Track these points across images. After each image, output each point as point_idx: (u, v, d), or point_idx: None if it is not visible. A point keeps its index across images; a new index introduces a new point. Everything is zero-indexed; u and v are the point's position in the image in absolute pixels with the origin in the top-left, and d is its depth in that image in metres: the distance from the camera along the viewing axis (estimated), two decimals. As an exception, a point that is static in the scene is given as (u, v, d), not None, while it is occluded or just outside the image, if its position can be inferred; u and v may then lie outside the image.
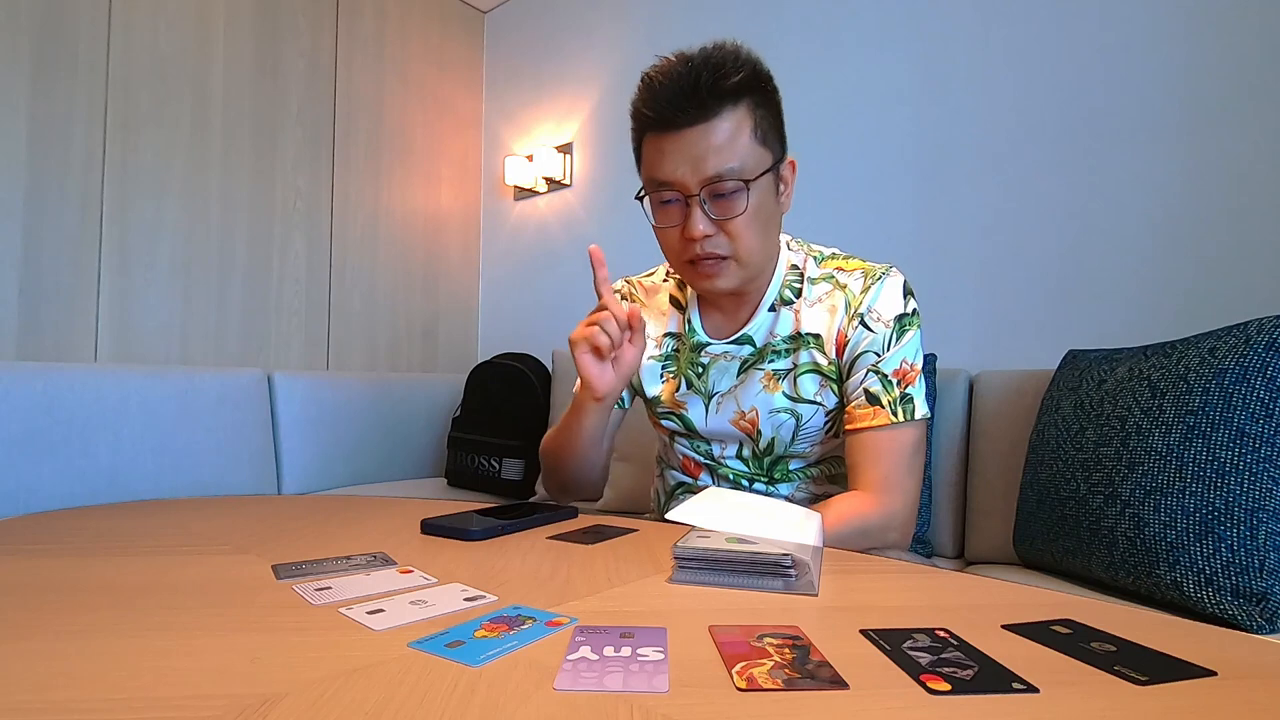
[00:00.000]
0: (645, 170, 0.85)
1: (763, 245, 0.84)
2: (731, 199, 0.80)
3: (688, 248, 0.82)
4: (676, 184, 0.80)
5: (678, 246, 0.84)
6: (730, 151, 0.78)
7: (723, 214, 0.80)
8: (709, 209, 0.80)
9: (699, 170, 0.78)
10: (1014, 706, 0.33)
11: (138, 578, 0.53)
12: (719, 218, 0.80)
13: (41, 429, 1.41)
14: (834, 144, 1.78)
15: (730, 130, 0.78)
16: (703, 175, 0.78)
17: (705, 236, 0.80)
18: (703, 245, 0.81)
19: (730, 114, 0.78)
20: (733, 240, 0.81)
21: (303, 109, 2.17)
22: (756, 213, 0.81)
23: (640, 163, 0.87)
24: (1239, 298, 1.24)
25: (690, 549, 0.55)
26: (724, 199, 0.80)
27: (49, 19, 1.67)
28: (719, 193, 0.79)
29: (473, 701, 0.33)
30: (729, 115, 0.78)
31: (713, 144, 0.78)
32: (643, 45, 2.24)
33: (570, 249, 2.44)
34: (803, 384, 0.88)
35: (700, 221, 0.80)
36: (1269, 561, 0.82)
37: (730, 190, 0.79)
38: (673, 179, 0.80)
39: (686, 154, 0.78)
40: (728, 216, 0.80)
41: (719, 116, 0.78)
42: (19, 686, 0.34)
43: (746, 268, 0.84)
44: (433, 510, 0.80)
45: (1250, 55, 1.26)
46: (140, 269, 1.82)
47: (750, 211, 0.80)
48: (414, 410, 2.16)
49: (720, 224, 0.80)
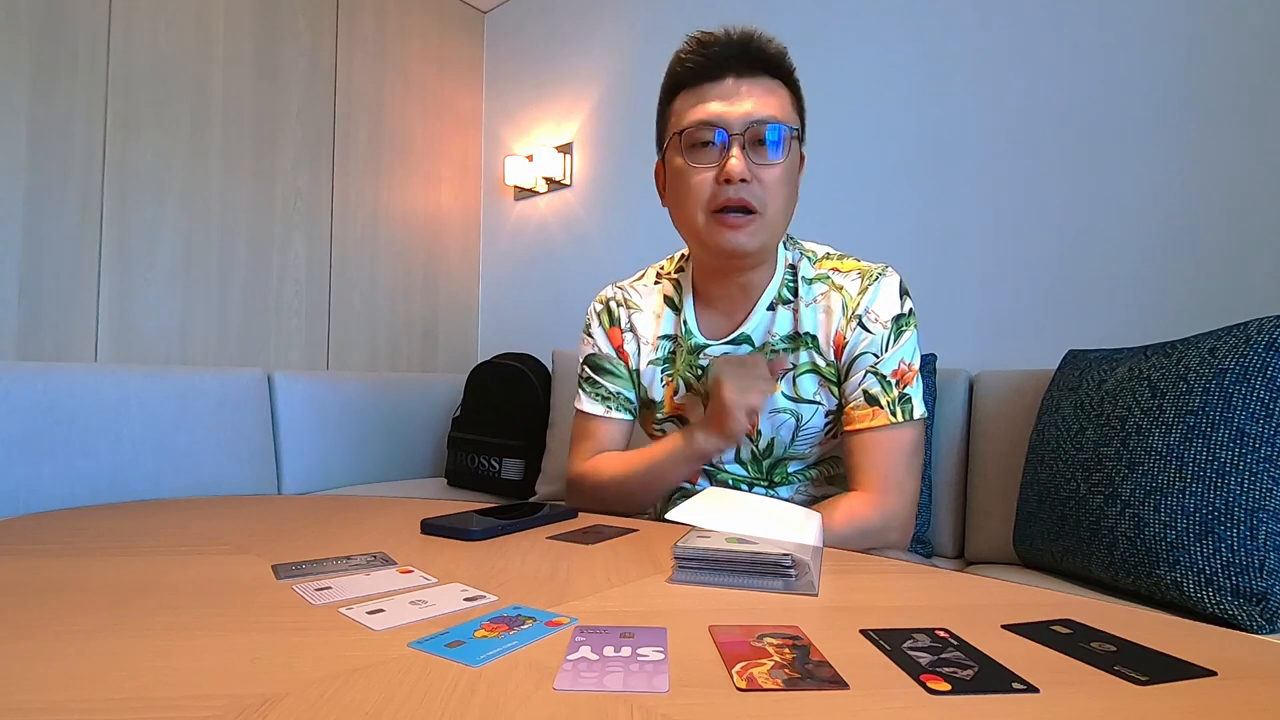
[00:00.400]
0: (678, 119, 0.84)
1: (786, 213, 0.85)
2: (772, 147, 0.81)
3: (719, 193, 0.81)
4: (719, 121, 0.80)
5: (706, 193, 0.82)
6: (774, 104, 0.81)
7: (762, 159, 0.80)
8: (749, 154, 0.80)
9: (744, 112, 0.80)
10: (1014, 706, 0.33)
11: (138, 578, 0.53)
12: (759, 162, 0.80)
13: (41, 429, 1.41)
14: (834, 144, 1.78)
15: (776, 90, 0.82)
16: (749, 117, 0.79)
17: (742, 180, 0.79)
18: (737, 190, 0.80)
19: (773, 79, 0.82)
20: (766, 193, 0.81)
21: (303, 109, 2.17)
22: (788, 174, 0.83)
23: (668, 123, 0.86)
24: (1239, 298, 1.24)
25: (690, 549, 0.55)
26: (764, 145, 0.81)
27: (49, 19, 1.67)
28: (760, 137, 0.80)
29: (473, 701, 0.33)
30: (772, 80, 0.82)
31: (759, 94, 0.80)
32: (643, 45, 2.24)
33: (570, 249, 2.44)
34: (802, 384, 0.87)
35: (739, 161, 0.79)
36: (1269, 561, 0.82)
37: (771, 137, 0.80)
38: (716, 115, 0.80)
39: (732, 98, 0.80)
40: (767, 162, 0.80)
41: (764, 77, 0.82)
42: (19, 686, 0.34)
43: (770, 229, 0.83)
44: (433, 510, 0.80)
45: (1250, 56, 1.26)
46: (140, 269, 1.82)
47: (786, 167, 0.81)
48: (414, 410, 2.16)
49: (758, 170, 0.80)
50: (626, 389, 0.98)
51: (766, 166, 0.80)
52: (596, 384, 0.99)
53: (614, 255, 2.30)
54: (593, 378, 0.99)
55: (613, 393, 0.98)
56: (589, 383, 1.00)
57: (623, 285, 1.02)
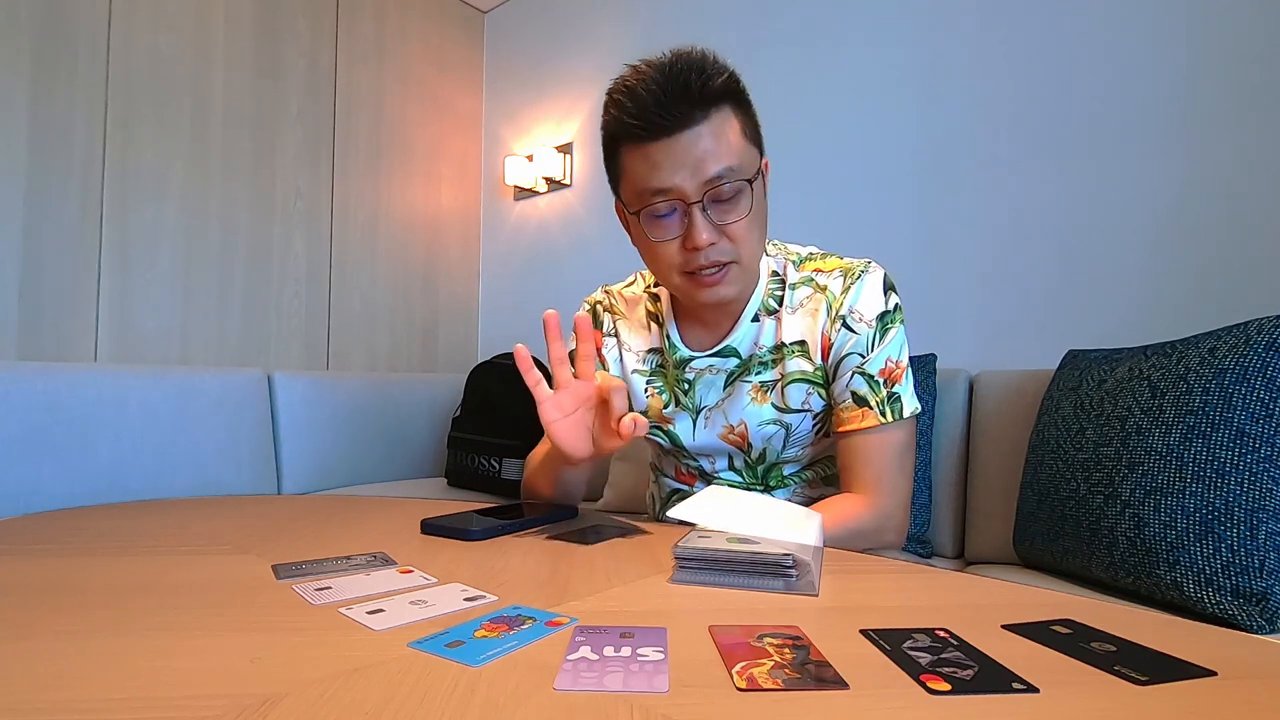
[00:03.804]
0: (631, 185, 0.79)
1: (760, 247, 0.82)
2: (733, 202, 0.77)
3: (689, 259, 0.78)
4: (675, 191, 0.75)
5: (677, 260, 0.79)
6: (727, 151, 0.75)
7: (725, 218, 0.77)
8: (711, 214, 0.77)
9: (699, 173, 0.74)
10: (1014, 706, 0.33)
11: (138, 578, 0.53)
12: (722, 222, 0.77)
13: (41, 429, 1.41)
14: (834, 144, 1.78)
15: (724, 130, 0.76)
16: (703, 178, 0.74)
17: (710, 244, 0.77)
18: (706, 254, 0.77)
19: (719, 115, 0.75)
20: (736, 244, 0.78)
21: (303, 109, 2.17)
22: (756, 214, 0.79)
23: (621, 179, 0.82)
24: (1239, 298, 1.24)
25: (691, 549, 0.55)
26: (725, 203, 0.77)
27: (49, 19, 1.67)
28: (720, 197, 0.76)
29: (473, 701, 0.32)
30: (719, 116, 0.75)
31: (709, 146, 0.74)
32: (642, 45, 2.24)
33: (570, 249, 2.44)
34: (790, 394, 0.86)
35: (704, 229, 0.76)
36: (1269, 561, 0.82)
37: (731, 193, 0.76)
38: (670, 186, 0.75)
39: (682, 159, 0.74)
40: (731, 220, 0.77)
41: (710, 118, 0.74)
42: (19, 686, 0.34)
43: (748, 272, 0.82)
44: (433, 510, 0.80)
45: (1250, 56, 1.26)
46: (140, 269, 1.82)
47: (752, 214, 0.78)
48: (414, 410, 2.16)
49: (723, 229, 0.77)
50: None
51: (732, 222, 0.77)
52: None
53: (614, 255, 2.30)
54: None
55: None
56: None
57: (612, 290, 1.01)
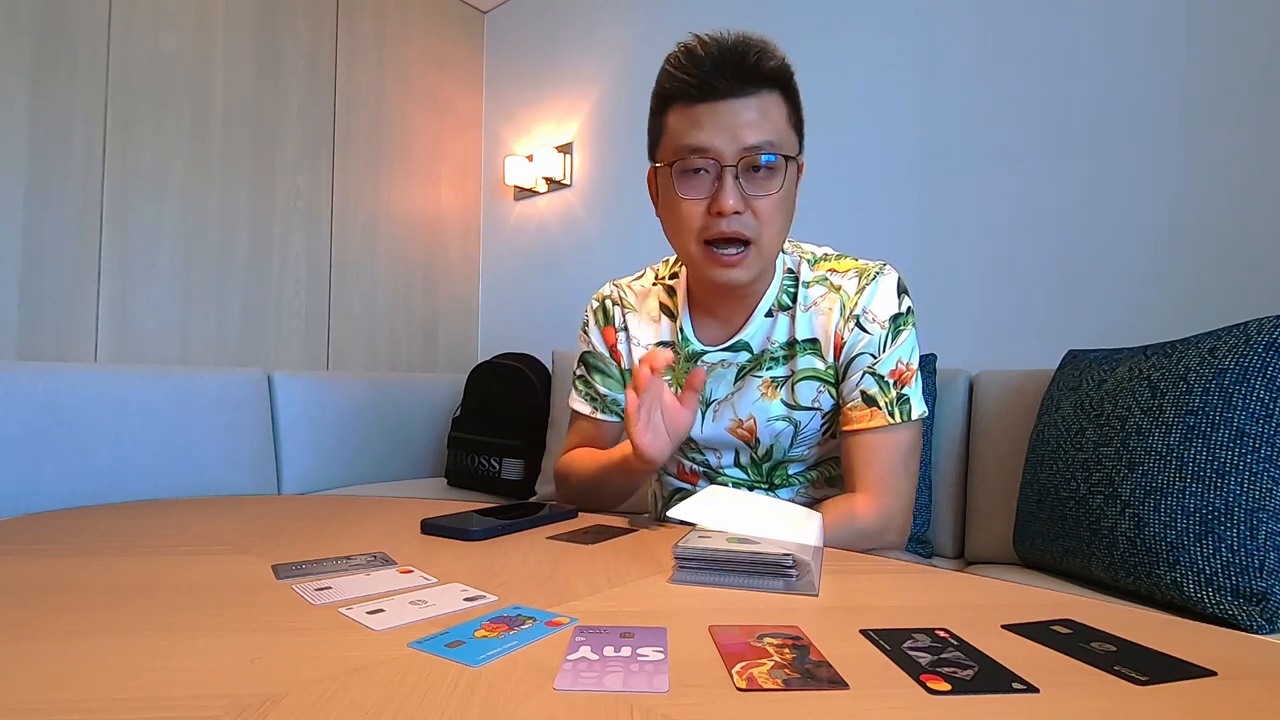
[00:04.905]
0: (670, 141, 0.80)
1: (781, 236, 0.82)
2: (766, 175, 0.77)
3: (710, 225, 0.78)
4: (711, 151, 0.76)
5: (698, 223, 0.79)
6: (770, 127, 0.76)
7: (756, 190, 0.77)
8: (742, 182, 0.77)
9: (738, 139, 0.75)
10: (1014, 706, 0.33)
11: (138, 578, 0.53)
12: (752, 194, 0.77)
13: (41, 429, 1.41)
14: (835, 144, 1.78)
15: (770, 108, 0.77)
16: (741, 144, 0.75)
17: (735, 213, 0.77)
18: (730, 222, 0.77)
19: (769, 95, 0.77)
20: (760, 222, 0.78)
21: (303, 109, 2.17)
22: (785, 198, 0.79)
23: (661, 136, 0.82)
24: (1239, 298, 1.24)
25: (691, 549, 0.55)
26: (758, 174, 0.77)
27: (49, 19, 1.67)
28: (754, 165, 0.76)
29: (473, 701, 0.33)
30: (768, 96, 0.77)
31: (753, 117, 0.75)
32: (643, 45, 2.24)
33: (570, 249, 2.44)
34: (800, 391, 0.87)
35: (732, 194, 0.76)
36: (1269, 561, 0.82)
37: (766, 166, 0.77)
38: (708, 145, 0.76)
39: (725, 123, 0.75)
40: (761, 194, 0.77)
41: (759, 94, 0.76)
42: (19, 686, 0.34)
43: (765, 258, 0.81)
44: (433, 510, 0.80)
45: (1250, 56, 1.26)
46: (140, 269, 1.82)
47: (782, 193, 0.78)
48: (414, 410, 2.16)
49: (751, 201, 0.77)
50: (615, 390, 0.98)
51: (761, 196, 0.77)
52: (588, 383, 1.00)
53: (614, 255, 2.30)
54: (585, 376, 1.01)
55: (600, 394, 0.99)
56: (581, 380, 1.01)
57: (620, 284, 1.01)
